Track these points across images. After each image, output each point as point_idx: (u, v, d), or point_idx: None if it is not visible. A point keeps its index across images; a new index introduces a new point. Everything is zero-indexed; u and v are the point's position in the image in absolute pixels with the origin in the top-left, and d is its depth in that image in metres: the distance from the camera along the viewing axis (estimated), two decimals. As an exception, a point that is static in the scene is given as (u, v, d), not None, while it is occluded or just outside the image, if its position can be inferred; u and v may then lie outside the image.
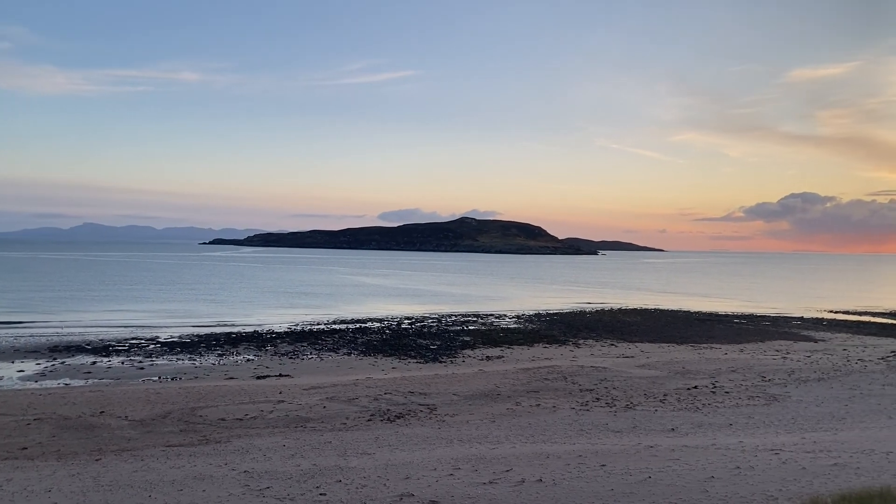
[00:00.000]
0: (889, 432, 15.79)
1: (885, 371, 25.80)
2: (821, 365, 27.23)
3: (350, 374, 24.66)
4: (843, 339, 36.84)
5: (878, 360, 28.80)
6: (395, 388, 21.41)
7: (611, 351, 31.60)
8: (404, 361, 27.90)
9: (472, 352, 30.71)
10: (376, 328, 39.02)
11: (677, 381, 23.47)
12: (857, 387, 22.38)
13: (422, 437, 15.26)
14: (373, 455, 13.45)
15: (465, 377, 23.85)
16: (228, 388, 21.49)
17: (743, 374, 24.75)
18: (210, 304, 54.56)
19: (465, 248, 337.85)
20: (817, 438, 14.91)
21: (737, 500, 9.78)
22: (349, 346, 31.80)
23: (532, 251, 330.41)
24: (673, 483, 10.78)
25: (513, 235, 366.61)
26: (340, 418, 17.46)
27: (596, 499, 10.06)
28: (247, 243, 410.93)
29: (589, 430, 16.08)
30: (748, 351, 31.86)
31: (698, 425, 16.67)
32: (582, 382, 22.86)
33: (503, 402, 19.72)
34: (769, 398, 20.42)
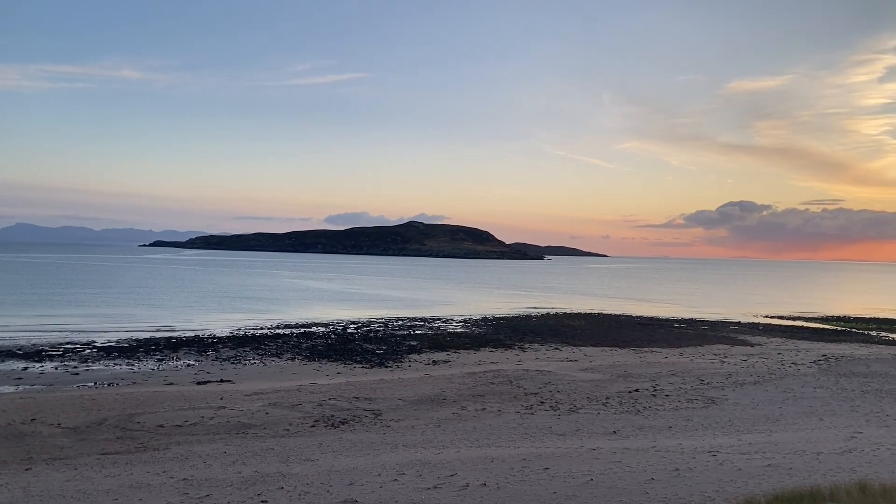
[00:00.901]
0: (820, 433, 16.36)
1: (816, 374, 26.75)
2: (756, 368, 28.06)
3: (294, 379, 24.33)
4: (778, 344, 38.05)
5: (810, 363, 29.83)
6: (339, 394, 21.22)
7: (555, 355, 31.96)
8: (350, 366, 27.68)
9: (419, 356, 30.66)
10: (321, 333, 38.61)
11: (619, 384, 23.88)
12: (791, 390, 23.15)
13: (366, 442, 15.16)
14: (316, 461, 13.29)
15: (411, 382, 23.80)
16: (168, 393, 20.96)
17: (682, 378, 25.33)
18: (149, 308, 53.15)
19: (413, 252, 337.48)
20: (753, 440, 15.36)
21: (676, 501, 9.98)
22: (293, 351, 31.38)
23: (479, 256, 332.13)
24: (614, 485, 10.94)
25: (461, 240, 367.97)
26: (283, 424, 17.21)
27: (539, 502, 10.14)
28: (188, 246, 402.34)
29: (533, 433, 16.22)
30: (688, 355, 32.63)
31: (639, 428, 16.98)
32: (527, 386, 23.05)
33: (449, 406, 19.73)
34: (707, 401, 20.94)
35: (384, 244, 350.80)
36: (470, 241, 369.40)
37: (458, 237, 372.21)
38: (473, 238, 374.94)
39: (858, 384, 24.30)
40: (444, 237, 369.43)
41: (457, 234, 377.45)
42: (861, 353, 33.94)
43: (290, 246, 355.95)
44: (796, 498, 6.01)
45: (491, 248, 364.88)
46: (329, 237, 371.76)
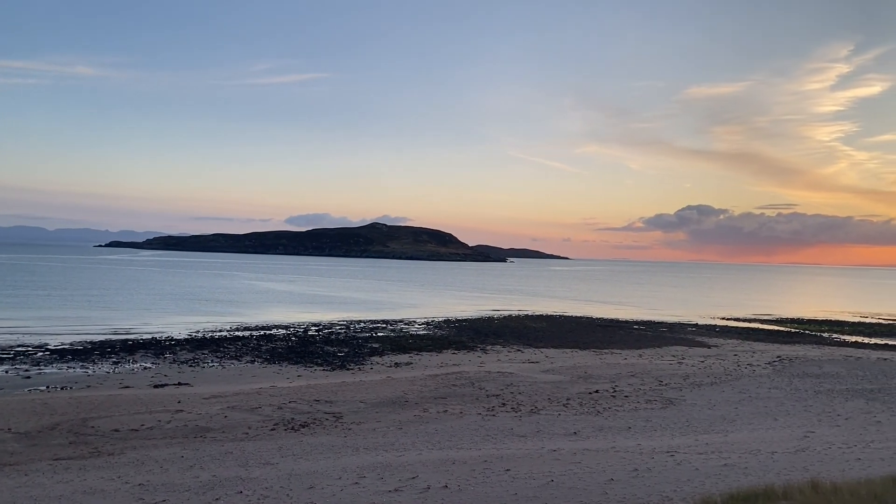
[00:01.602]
0: (774, 433, 16.72)
1: (771, 375, 27.34)
2: (713, 370, 28.56)
3: (253, 382, 24.04)
4: (734, 345, 38.81)
5: (765, 364, 30.48)
6: (300, 397, 21.02)
7: (517, 356, 32.12)
8: (310, 369, 27.44)
9: (381, 359, 30.54)
10: (282, 335, 38.22)
11: (580, 385, 24.10)
12: (746, 390, 23.62)
13: (327, 445, 15.04)
14: (276, 465, 13.14)
15: (373, 384, 23.70)
16: (123, 397, 20.53)
17: (641, 379, 25.66)
18: (105, 310, 52.00)
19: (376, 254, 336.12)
20: (709, 440, 15.62)
21: (634, 501, 10.09)
22: (253, 353, 31.00)
23: (442, 258, 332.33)
24: (574, 486, 11.03)
25: (424, 242, 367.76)
26: (242, 428, 16.98)
27: (499, 503, 10.17)
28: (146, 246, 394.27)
29: (495, 435, 16.26)
30: (647, 356, 33.08)
31: (599, 429, 17.15)
32: (489, 388, 23.12)
33: (411, 408, 19.69)
34: (665, 402, 21.25)
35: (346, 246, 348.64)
36: (433, 243, 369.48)
37: (421, 239, 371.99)
38: (436, 240, 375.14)
39: (811, 385, 24.90)
40: (407, 239, 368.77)
41: (420, 235, 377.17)
42: (814, 354, 34.78)
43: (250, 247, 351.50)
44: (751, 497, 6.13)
45: (454, 250, 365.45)
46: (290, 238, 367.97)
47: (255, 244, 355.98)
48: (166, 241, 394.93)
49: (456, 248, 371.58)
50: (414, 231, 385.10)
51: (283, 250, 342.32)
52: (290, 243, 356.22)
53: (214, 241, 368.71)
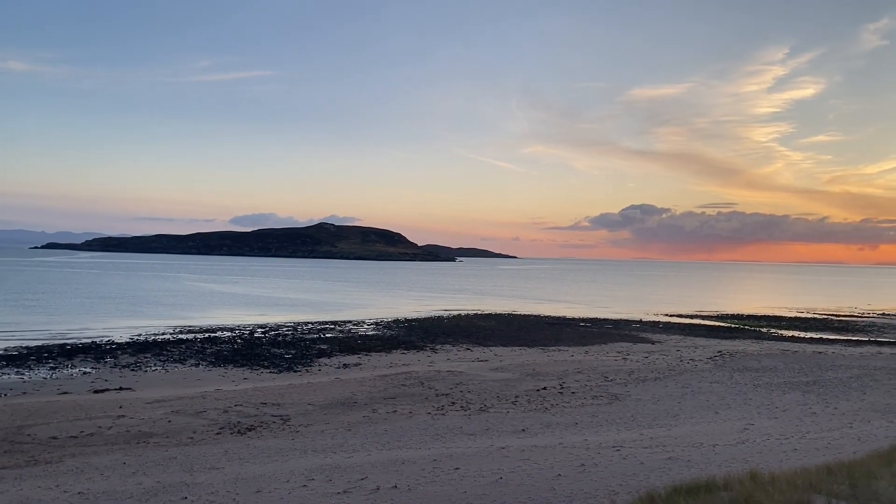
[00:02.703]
0: (716, 426, 17.19)
1: (712, 370, 28.08)
2: (657, 365, 29.19)
3: (198, 385, 23.56)
4: (677, 341, 39.74)
5: (706, 359, 31.29)
6: (246, 400, 20.69)
7: (466, 355, 32.25)
8: (257, 372, 27.04)
9: (329, 360, 30.28)
10: (227, 338, 37.55)
11: (528, 382, 24.33)
12: (689, 385, 24.21)
13: (274, 448, 14.84)
14: (222, 469, 12.90)
15: (321, 386, 23.48)
16: (62, 403, 19.87)
17: (588, 375, 26.06)
18: (41, 314, 50.23)
19: (324, 254, 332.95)
20: (654, 434, 15.96)
21: (582, 496, 10.24)
22: (197, 356, 30.38)
23: (391, 258, 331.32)
24: (523, 482, 11.13)
25: (372, 242, 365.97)
26: (187, 432, 16.63)
27: (449, 502, 10.19)
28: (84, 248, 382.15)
29: (444, 434, 16.30)
30: (593, 353, 33.61)
31: (547, 425, 17.35)
32: (438, 387, 23.15)
33: (360, 409, 19.58)
34: (611, 397, 21.63)
35: (293, 246, 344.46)
36: (382, 242, 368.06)
37: (370, 239, 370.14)
38: (385, 240, 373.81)
39: (751, 378, 25.67)
40: (356, 239, 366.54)
41: (368, 235, 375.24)
42: (753, 349, 35.86)
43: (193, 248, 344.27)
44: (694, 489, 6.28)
45: (403, 249, 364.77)
46: (235, 239, 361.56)
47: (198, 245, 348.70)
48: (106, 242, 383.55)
49: (405, 248, 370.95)
50: (362, 231, 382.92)
51: (228, 251, 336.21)
52: (234, 244, 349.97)
53: (156, 243, 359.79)
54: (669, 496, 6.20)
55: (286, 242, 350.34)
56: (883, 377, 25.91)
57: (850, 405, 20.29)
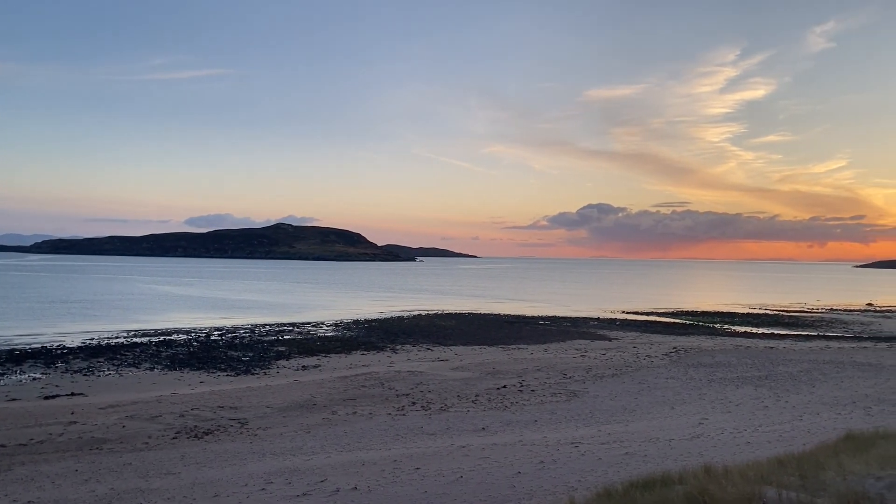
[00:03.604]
0: (671, 421, 17.50)
1: (668, 366, 28.58)
2: (614, 362, 29.60)
3: (153, 390, 23.10)
4: (634, 338, 40.34)
5: (662, 356, 31.83)
6: (203, 403, 20.37)
7: (427, 355, 32.25)
8: (214, 375, 26.63)
9: (288, 362, 29.97)
10: (183, 341, 36.90)
11: (488, 381, 24.44)
12: (645, 381, 24.60)
13: (232, 452, 14.64)
14: (178, 474, 12.68)
15: (280, 388, 23.24)
16: (10, 410, 19.29)
17: (547, 373, 26.29)
18: (-12, 319, 48.67)
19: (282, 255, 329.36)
20: (611, 430, 16.18)
21: (541, 493, 10.33)
22: (152, 360, 29.79)
23: (351, 258, 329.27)
24: (483, 481, 11.17)
25: (331, 242, 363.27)
26: (142, 437, 16.30)
27: (409, 502, 10.18)
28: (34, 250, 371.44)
29: (404, 434, 16.27)
30: (552, 350, 33.92)
31: (507, 423, 17.45)
32: (399, 388, 23.10)
33: (319, 411, 19.43)
34: (570, 394, 21.86)
35: (250, 247, 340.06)
36: (341, 243, 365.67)
37: (329, 239, 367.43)
38: (344, 240, 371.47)
39: (705, 374, 26.19)
40: (314, 239, 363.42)
41: (327, 236, 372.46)
42: (707, 344, 36.60)
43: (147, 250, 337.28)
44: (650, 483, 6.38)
45: (362, 250, 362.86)
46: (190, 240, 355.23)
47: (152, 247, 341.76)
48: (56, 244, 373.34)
49: (365, 248, 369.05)
50: (321, 231, 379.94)
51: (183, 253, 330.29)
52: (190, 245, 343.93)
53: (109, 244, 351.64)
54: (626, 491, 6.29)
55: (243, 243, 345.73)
56: (831, 371, 26.69)
57: (801, 398, 20.86)
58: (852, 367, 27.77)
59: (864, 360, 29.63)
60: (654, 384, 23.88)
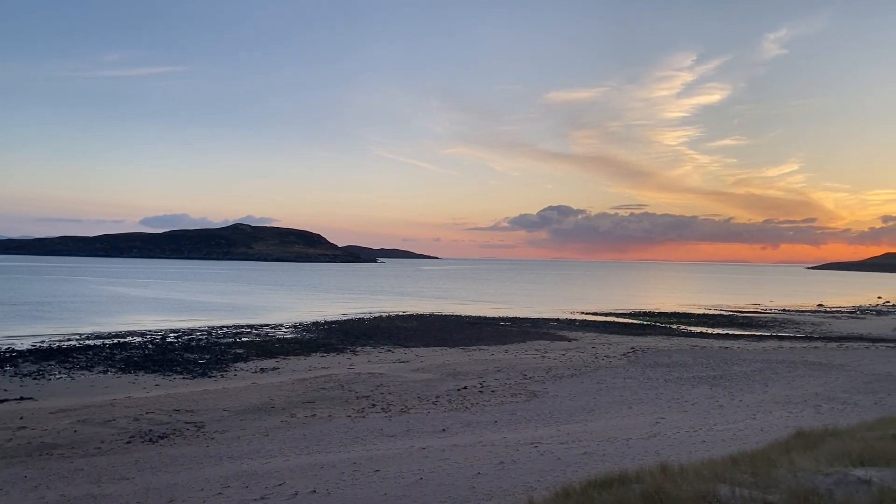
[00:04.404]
0: (629, 420, 17.73)
1: (626, 366, 28.96)
2: (574, 362, 29.88)
3: (107, 393, 22.58)
4: (593, 338, 40.79)
5: (620, 356, 32.24)
6: (158, 407, 19.98)
7: (388, 357, 32.13)
8: (169, 378, 26.14)
9: (245, 364, 29.58)
10: (137, 343, 36.15)
11: (449, 382, 24.46)
12: (604, 381, 24.89)
13: (188, 456, 14.38)
14: (132, 479, 12.42)
15: (237, 391, 22.92)
16: (-46, 417, 18.65)
17: (507, 374, 26.42)
18: (-68, 321, 47.04)
19: (240, 256, 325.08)
20: (570, 430, 16.32)
21: (500, 493, 10.37)
22: (106, 363, 29.12)
23: (311, 259, 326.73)
24: (443, 482, 11.17)
25: (291, 243, 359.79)
26: (94, 442, 15.91)
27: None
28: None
29: (364, 436, 16.19)
30: (512, 351, 34.10)
31: (467, 424, 17.48)
32: (358, 390, 22.98)
33: (277, 414, 19.21)
34: (530, 395, 21.99)
35: (208, 248, 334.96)
36: (300, 244, 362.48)
37: (288, 240, 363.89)
38: (304, 241, 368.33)
39: (662, 374, 26.61)
40: (273, 240, 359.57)
41: (286, 237, 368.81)
42: (664, 345, 37.19)
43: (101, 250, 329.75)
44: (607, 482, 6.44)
45: (323, 251, 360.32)
46: (145, 240, 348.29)
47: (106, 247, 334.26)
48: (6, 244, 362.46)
49: (325, 249, 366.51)
50: (280, 232, 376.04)
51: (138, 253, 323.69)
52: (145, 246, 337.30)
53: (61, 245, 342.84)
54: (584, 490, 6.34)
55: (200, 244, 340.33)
56: (783, 370, 27.35)
57: (754, 397, 21.32)
58: (804, 366, 28.50)
59: (814, 360, 30.43)
60: (613, 384, 24.17)
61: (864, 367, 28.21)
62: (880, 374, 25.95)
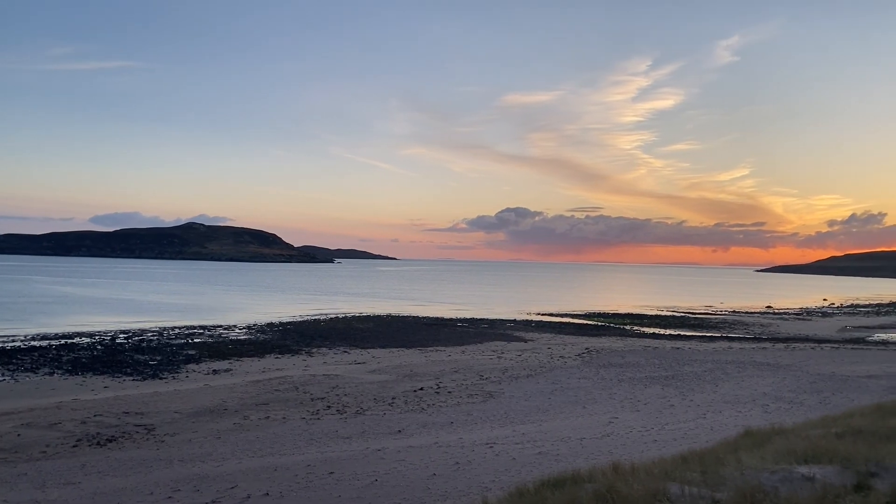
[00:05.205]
0: (583, 420, 17.93)
1: (580, 366, 29.29)
2: (530, 363, 30.10)
3: (52, 396, 21.94)
4: (548, 339, 41.16)
5: (575, 356, 32.60)
6: (107, 409, 19.49)
7: (343, 358, 31.92)
8: (119, 379, 25.53)
9: (198, 366, 29.06)
10: (86, 344, 35.23)
11: (405, 384, 24.40)
12: (559, 381, 25.13)
13: (137, 460, 14.07)
14: (78, 484, 12.09)
15: (189, 393, 22.50)
16: None
17: (464, 374, 26.48)
18: None
19: (193, 255, 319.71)
20: (525, 430, 16.44)
21: (455, 494, 10.39)
22: (52, 364, 28.31)
23: (266, 259, 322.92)
24: (398, 483, 11.14)
25: (245, 243, 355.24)
26: (39, 446, 15.45)
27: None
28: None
29: (319, 438, 16.05)
30: (469, 352, 34.19)
31: (423, 425, 17.46)
32: (314, 391, 22.77)
33: (230, 416, 18.92)
34: (486, 395, 22.08)
35: (160, 247, 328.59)
36: (255, 243, 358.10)
37: (243, 240, 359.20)
38: (259, 241, 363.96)
39: (615, 374, 26.98)
40: (228, 240, 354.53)
41: (241, 236, 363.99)
42: (617, 345, 37.72)
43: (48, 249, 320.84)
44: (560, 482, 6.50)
45: (278, 251, 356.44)
46: (95, 239, 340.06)
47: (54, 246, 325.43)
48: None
49: (280, 249, 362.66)
50: (235, 231, 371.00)
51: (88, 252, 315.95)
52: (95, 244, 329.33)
53: (5, 242, 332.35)
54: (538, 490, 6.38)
55: (152, 243, 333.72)
56: (733, 370, 27.99)
57: (704, 397, 21.77)
58: (752, 366, 29.21)
59: (763, 360, 31.21)
60: (567, 384, 24.42)
61: (809, 367, 29.04)
62: (825, 374, 26.74)
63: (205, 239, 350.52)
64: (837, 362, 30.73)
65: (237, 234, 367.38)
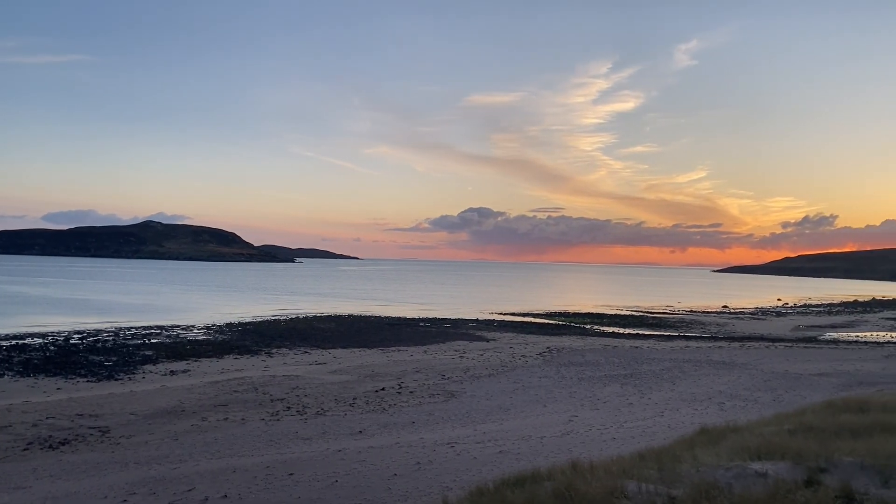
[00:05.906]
0: (544, 419, 18.07)
1: (541, 365, 29.51)
2: (491, 362, 30.23)
3: (2, 398, 21.31)
4: (510, 339, 41.38)
5: (536, 355, 32.83)
6: (59, 412, 19.02)
7: (304, 358, 31.65)
8: (72, 381, 24.93)
9: (155, 367, 28.52)
10: (38, 344, 34.31)
11: (367, 384, 24.31)
12: (520, 380, 25.28)
13: (91, 463, 13.76)
14: (29, 488, 11.78)
15: (145, 395, 22.08)
16: None
17: (426, 374, 26.48)
18: None
19: (150, 254, 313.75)
20: (487, 429, 16.50)
21: (416, 494, 10.38)
22: (2, 366, 27.47)
23: (225, 258, 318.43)
24: (358, 484, 11.09)
25: (204, 242, 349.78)
26: (-13, 451, 14.99)
27: (283, 509, 9.94)
28: None
29: (279, 440, 15.89)
30: (431, 352, 34.19)
31: (384, 426, 17.41)
32: (273, 392, 22.53)
33: (188, 418, 18.62)
34: (448, 395, 22.11)
35: (116, 246, 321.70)
36: (214, 242, 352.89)
37: (202, 239, 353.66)
38: (218, 240, 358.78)
39: (575, 373, 27.25)
40: (186, 238, 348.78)
41: (200, 235, 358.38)
42: (578, 344, 38.10)
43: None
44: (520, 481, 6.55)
45: (238, 250, 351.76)
46: (49, 237, 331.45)
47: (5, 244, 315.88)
48: None
49: (240, 249, 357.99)
50: (193, 230, 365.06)
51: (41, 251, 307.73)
52: (48, 243, 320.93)
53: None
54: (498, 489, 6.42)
55: (108, 242, 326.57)
56: (690, 369, 28.49)
57: (662, 395, 22.12)
58: (709, 365, 29.77)
59: (719, 359, 31.83)
60: (529, 383, 24.59)
61: (764, 365, 29.71)
62: (778, 373, 27.39)
63: (162, 237, 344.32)
64: (790, 361, 31.49)
65: (196, 232, 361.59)
